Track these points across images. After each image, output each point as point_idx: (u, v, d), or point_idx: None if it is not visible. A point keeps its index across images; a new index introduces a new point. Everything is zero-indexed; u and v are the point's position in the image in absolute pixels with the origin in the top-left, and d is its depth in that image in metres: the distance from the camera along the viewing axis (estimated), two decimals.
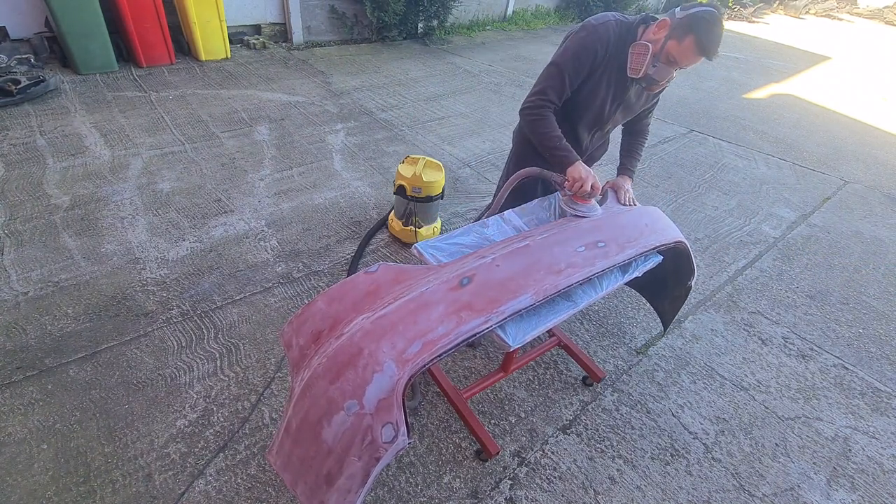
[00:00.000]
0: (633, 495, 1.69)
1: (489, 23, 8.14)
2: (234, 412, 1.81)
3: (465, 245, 1.56)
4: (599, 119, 1.78)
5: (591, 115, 1.75)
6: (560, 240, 1.53)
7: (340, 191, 3.23)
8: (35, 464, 1.58)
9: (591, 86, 1.65)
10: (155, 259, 2.49)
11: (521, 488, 1.67)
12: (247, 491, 1.57)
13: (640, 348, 2.29)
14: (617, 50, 1.56)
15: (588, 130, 1.85)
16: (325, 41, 6.40)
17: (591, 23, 1.58)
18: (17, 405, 1.75)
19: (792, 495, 1.74)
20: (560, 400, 2.00)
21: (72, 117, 3.72)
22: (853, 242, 3.30)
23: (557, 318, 1.39)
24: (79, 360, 1.93)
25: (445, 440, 1.80)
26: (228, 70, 5.05)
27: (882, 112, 6.08)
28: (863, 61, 8.75)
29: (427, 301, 1.27)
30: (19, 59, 4.10)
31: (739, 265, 2.95)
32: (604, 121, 1.80)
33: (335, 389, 1.15)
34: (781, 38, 9.87)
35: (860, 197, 3.94)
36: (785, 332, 2.48)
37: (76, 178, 3.04)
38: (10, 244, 2.46)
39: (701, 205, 3.56)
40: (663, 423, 1.95)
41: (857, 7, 15.04)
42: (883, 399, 2.16)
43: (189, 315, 2.19)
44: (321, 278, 2.47)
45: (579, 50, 1.58)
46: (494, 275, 1.36)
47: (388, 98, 4.83)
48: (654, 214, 1.77)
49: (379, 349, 1.17)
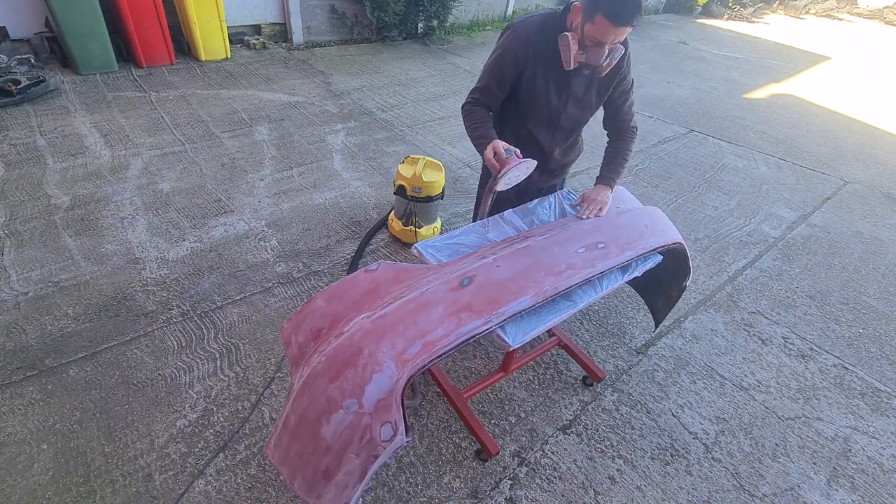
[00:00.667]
0: (633, 495, 1.69)
1: (489, 23, 8.15)
2: (234, 412, 1.81)
3: (465, 245, 1.56)
4: (550, 115, 1.70)
5: (540, 112, 1.69)
6: (560, 240, 1.53)
7: (340, 191, 3.23)
8: (35, 464, 1.58)
9: (526, 84, 1.61)
10: (155, 259, 2.49)
11: (521, 488, 1.67)
12: (247, 491, 1.57)
13: (640, 348, 2.29)
14: (543, 45, 1.52)
15: (545, 128, 1.75)
16: (325, 41, 6.40)
17: (513, 23, 1.58)
18: (17, 405, 1.75)
19: (792, 495, 1.74)
20: (560, 400, 2.00)
21: (72, 117, 3.72)
22: (853, 242, 3.30)
23: (557, 318, 1.39)
24: (79, 360, 1.93)
25: (445, 440, 1.80)
26: (228, 70, 5.05)
27: (882, 112, 6.08)
28: (863, 61, 8.75)
29: (427, 301, 1.27)
30: (19, 59, 4.10)
31: (739, 265, 2.95)
32: (556, 117, 1.70)
33: (334, 388, 1.16)
34: (781, 38, 9.87)
35: (860, 197, 3.94)
36: (785, 332, 2.48)
37: (76, 178, 3.04)
38: (10, 244, 2.46)
39: (701, 205, 3.56)
40: (663, 423, 1.95)
41: (857, 7, 15.04)
42: (883, 399, 2.16)
43: (189, 315, 2.19)
44: (321, 278, 2.48)
45: (500, 53, 1.58)
46: (495, 275, 1.36)
47: (388, 98, 4.83)
48: (654, 215, 1.77)
49: (379, 349, 1.17)
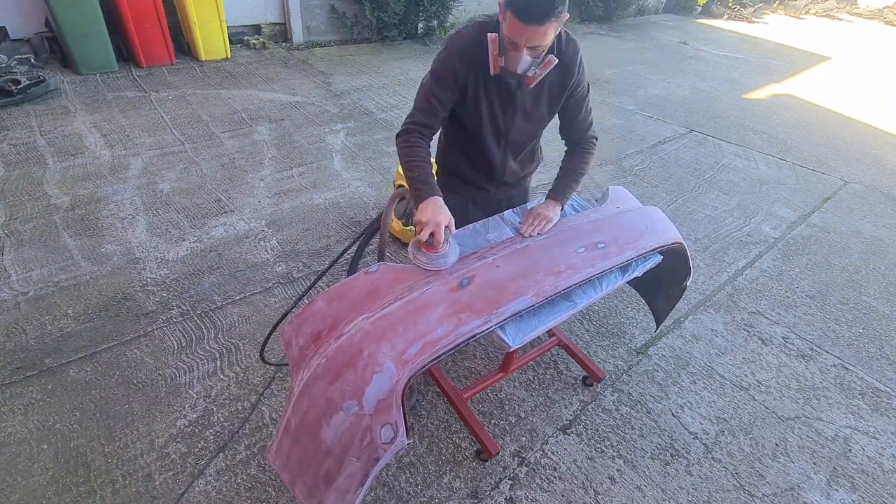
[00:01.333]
0: (633, 495, 1.69)
1: None
2: (234, 412, 1.81)
3: (464, 245, 1.56)
4: (498, 131, 1.58)
5: (487, 128, 1.56)
6: (560, 240, 1.53)
7: (340, 191, 3.23)
8: (35, 464, 1.58)
9: (471, 98, 1.48)
10: (155, 259, 2.49)
11: (521, 488, 1.67)
12: (247, 491, 1.57)
13: (640, 348, 2.29)
14: (483, 56, 1.39)
15: (495, 144, 1.62)
16: (325, 41, 6.40)
17: (451, 34, 1.43)
18: (17, 405, 1.75)
19: (792, 495, 1.74)
20: (560, 400, 2.00)
21: (72, 117, 3.72)
22: (853, 242, 3.30)
23: (557, 318, 1.39)
24: (79, 360, 1.93)
25: (445, 440, 1.80)
26: (228, 70, 5.05)
27: (882, 112, 6.08)
28: (863, 61, 8.75)
29: (427, 302, 1.27)
30: (19, 59, 4.10)
31: (739, 265, 2.95)
32: (505, 132, 1.58)
33: (334, 390, 1.15)
34: (781, 38, 9.87)
35: (860, 197, 3.94)
36: (785, 332, 2.48)
37: (76, 178, 3.04)
38: (10, 244, 2.46)
39: (701, 205, 3.56)
40: (663, 423, 1.95)
41: (857, 7, 15.03)
42: (883, 399, 2.16)
43: (189, 315, 2.19)
44: (321, 278, 2.47)
45: (438, 67, 1.43)
46: (494, 276, 1.36)
47: (388, 98, 4.83)
48: (654, 215, 1.77)
49: (378, 350, 1.17)
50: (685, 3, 11.44)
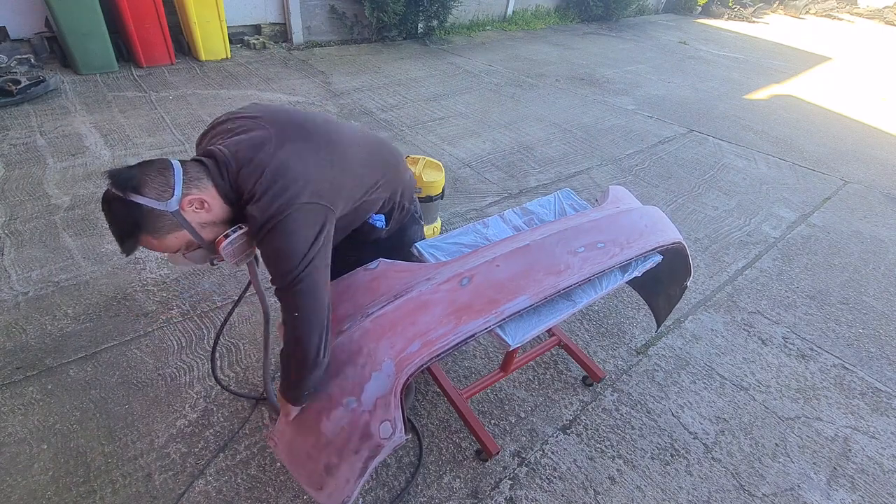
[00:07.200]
0: (633, 495, 1.69)
1: (489, 23, 8.14)
2: (234, 412, 1.81)
3: (464, 245, 1.56)
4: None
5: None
6: (560, 240, 1.53)
7: None
8: (35, 464, 1.58)
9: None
10: (155, 259, 2.49)
11: (521, 488, 1.67)
12: (247, 491, 1.57)
13: (640, 348, 2.29)
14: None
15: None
16: (325, 41, 6.40)
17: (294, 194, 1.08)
18: (17, 405, 1.75)
19: (792, 495, 1.74)
20: (560, 400, 2.00)
21: (72, 117, 3.72)
22: (853, 242, 3.30)
23: (557, 317, 1.39)
24: (79, 360, 1.93)
25: (445, 440, 1.80)
26: (228, 70, 5.05)
27: (882, 112, 6.08)
28: (863, 61, 8.75)
29: (426, 301, 1.27)
30: (19, 59, 4.11)
31: (739, 265, 2.95)
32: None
33: (335, 385, 1.17)
34: (781, 39, 9.87)
35: (860, 197, 3.93)
36: (785, 332, 2.48)
37: (76, 178, 3.04)
38: (10, 244, 2.46)
39: (701, 205, 3.56)
40: (663, 423, 1.95)
41: (857, 7, 15.03)
42: (883, 399, 2.16)
43: (189, 315, 2.19)
44: None
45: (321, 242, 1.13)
46: (494, 275, 1.36)
47: (389, 98, 4.83)
48: (654, 215, 1.77)
49: (378, 348, 1.18)
50: (685, 3, 11.44)
